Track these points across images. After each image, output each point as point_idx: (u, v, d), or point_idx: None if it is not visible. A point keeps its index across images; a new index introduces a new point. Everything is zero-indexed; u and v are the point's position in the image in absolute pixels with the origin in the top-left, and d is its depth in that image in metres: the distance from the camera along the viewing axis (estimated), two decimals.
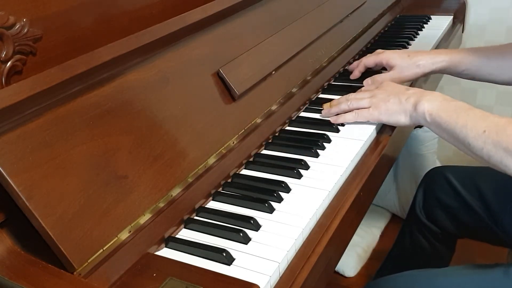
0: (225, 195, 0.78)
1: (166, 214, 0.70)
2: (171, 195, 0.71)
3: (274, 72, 0.98)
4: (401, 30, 1.45)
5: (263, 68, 0.95)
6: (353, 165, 0.86)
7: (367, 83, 1.06)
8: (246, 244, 0.67)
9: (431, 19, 1.52)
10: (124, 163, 0.67)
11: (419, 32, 1.42)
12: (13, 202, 0.57)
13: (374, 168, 0.86)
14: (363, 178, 0.82)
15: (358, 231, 1.39)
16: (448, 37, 1.44)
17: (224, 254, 0.65)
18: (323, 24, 1.17)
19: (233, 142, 0.84)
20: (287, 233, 0.68)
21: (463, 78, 1.08)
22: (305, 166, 0.84)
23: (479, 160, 0.78)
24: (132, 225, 0.65)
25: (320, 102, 1.02)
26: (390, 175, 1.73)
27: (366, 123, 0.94)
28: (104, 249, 0.61)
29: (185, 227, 0.73)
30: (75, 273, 0.58)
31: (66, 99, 0.64)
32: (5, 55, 0.63)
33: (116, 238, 0.63)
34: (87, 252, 0.60)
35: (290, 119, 1.00)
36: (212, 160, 0.79)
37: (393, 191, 1.73)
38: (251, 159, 0.88)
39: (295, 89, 1.02)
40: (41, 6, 0.68)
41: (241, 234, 0.68)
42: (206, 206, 0.77)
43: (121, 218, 0.64)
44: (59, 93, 0.63)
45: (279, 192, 0.77)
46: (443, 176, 1.15)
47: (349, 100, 0.95)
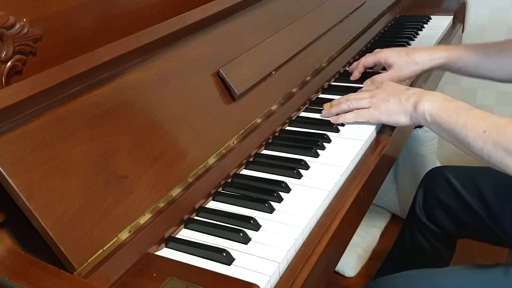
0: (225, 195, 0.78)
1: (166, 214, 0.70)
2: (171, 195, 0.71)
3: (274, 72, 0.98)
4: (401, 30, 1.45)
5: (263, 68, 0.95)
6: (353, 165, 0.86)
7: (367, 84, 1.06)
8: (246, 244, 0.67)
9: (431, 19, 1.52)
10: (124, 163, 0.67)
11: (419, 32, 1.42)
12: (13, 202, 0.57)
13: (374, 168, 0.86)
14: (363, 178, 0.82)
15: (358, 231, 1.39)
16: (448, 37, 1.44)
17: (224, 254, 0.65)
18: (323, 24, 1.17)
19: (233, 142, 0.84)
20: (287, 233, 0.68)
21: (462, 75, 1.08)
22: (305, 166, 0.84)
23: (479, 160, 0.77)
24: (132, 225, 0.65)
25: (320, 102, 1.02)
26: (390, 175, 1.72)
27: (366, 123, 0.94)
28: (104, 249, 0.61)
29: (185, 227, 0.73)
30: (75, 273, 0.58)
31: (66, 99, 0.64)
32: (5, 55, 0.63)
33: (116, 238, 0.63)
34: (87, 252, 0.60)
35: (290, 119, 1.00)
36: (212, 160, 0.79)
37: (393, 191, 1.73)
38: (251, 159, 0.88)
39: (295, 89, 1.02)
40: (41, 6, 0.68)
41: (241, 234, 0.68)
42: (206, 206, 0.77)
43: (121, 218, 0.64)
44: (59, 93, 0.63)
45: (279, 192, 0.77)
46: (443, 176, 1.15)
47: (349, 100, 0.95)
